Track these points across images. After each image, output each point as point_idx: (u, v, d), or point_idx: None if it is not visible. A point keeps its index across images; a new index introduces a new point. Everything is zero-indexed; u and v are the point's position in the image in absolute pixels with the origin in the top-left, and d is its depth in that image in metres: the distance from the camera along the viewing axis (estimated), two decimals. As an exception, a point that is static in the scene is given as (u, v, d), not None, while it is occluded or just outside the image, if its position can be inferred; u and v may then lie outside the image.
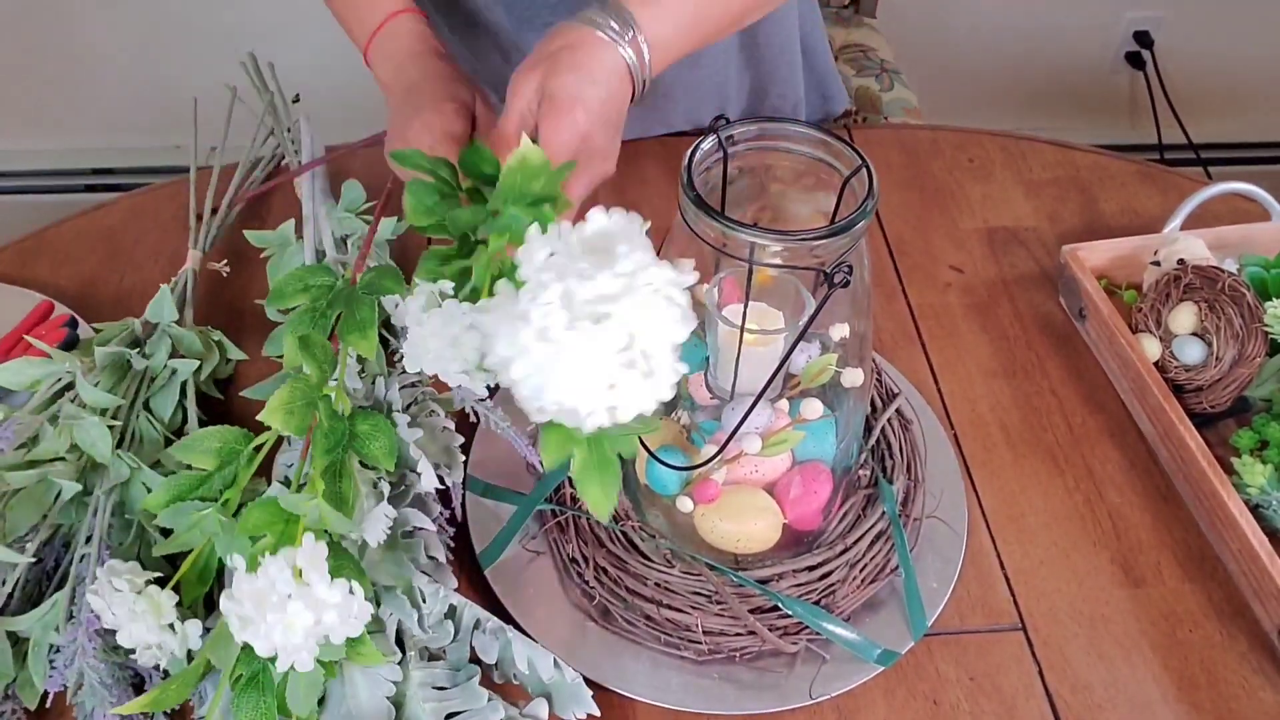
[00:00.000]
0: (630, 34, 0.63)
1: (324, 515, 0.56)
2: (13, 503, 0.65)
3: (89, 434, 0.67)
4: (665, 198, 0.98)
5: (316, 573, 0.53)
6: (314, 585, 0.52)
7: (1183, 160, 2.07)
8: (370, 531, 0.60)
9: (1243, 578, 0.70)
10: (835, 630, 0.66)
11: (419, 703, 0.60)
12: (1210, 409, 0.77)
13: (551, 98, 0.60)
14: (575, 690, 0.61)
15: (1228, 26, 2.02)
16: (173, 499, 0.60)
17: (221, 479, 0.61)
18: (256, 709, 0.56)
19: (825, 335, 0.63)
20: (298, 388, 0.59)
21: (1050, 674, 0.67)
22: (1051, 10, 2.00)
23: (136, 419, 0.72)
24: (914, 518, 0.72)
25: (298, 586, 0.52)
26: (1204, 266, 0.79)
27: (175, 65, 1.65)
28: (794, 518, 0.66)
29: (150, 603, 0.58)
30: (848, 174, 0.60)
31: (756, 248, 0.56)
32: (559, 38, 0.63)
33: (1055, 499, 0.76)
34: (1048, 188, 1.00)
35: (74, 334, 0.81)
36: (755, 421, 0.61)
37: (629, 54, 0.63)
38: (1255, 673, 0.67)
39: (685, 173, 0.58)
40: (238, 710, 0.56)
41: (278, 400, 0.58)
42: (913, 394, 0.81)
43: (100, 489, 0.67)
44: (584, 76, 0.61)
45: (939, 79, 2.02)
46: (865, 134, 1.08)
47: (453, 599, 0.64)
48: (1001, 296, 0.90)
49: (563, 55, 0.61)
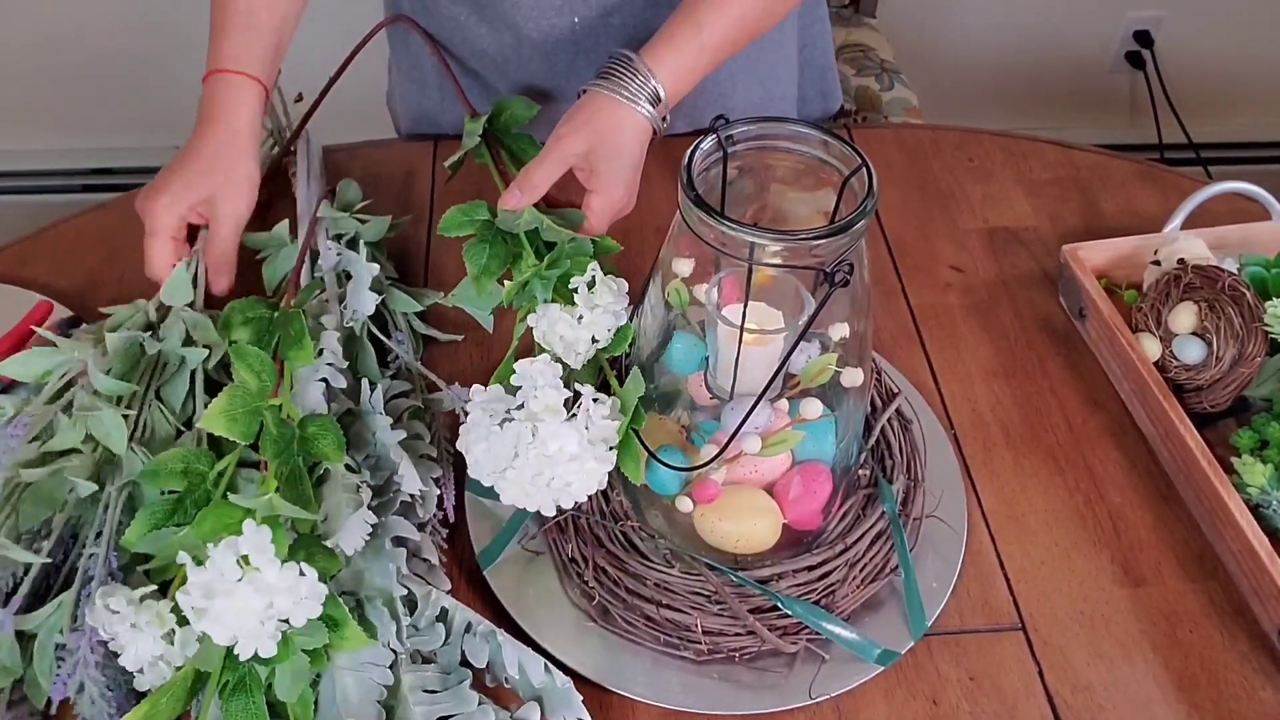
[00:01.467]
0: (649, 88, 0.76)
1: (274, 504, 0.58)
2: (25, 497, 0.65)
3: (104, 425, 0.66)
4: (665, 197, 0.98)
5: (263, 557, 0.54)
6: (263, 570, 0.54)
7: (1183, 160, 2.07)
8: (347, 539, 0.60)
9: (1243, 577, 0.70)
10: (835, 630, 0.66)
11: (410, 706, 0.60)
12: (1210, 409, 0.77)
13: (599, 176, 0.76)
14: (566, 694, 0.61)
15: (1228, 26, 2.02)
16: (149, 529, 0.60)
17: (194, 501, 0.61)
18: (246, 710, 0.56)
19: (825, 335, 0.63)
20: (236, 395, 0.63)
21: (1050, 674, 0.67)
22: (1052, 10, 2.00)
23: (149, 408, 0.71)
24: (914, 517, 0.72)
25: (246, 572, 0.54)
26: (1204, 266, 0.79)
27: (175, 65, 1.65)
28: (793, 518, 0.66)
29: (152, 613, 0.57)
30: (847, 173, 0.60)
31: (756, 247, 0.56)
32: (592, 106, 0.77)
33: (1055, 499, 0.76)
34: (1048, 187, 1.00)
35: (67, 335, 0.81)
36: (755, 421, 0.61)
37: (648, 111, 0.77)
38: (1256, 672, 0.67)
39: (685, 172, 0.58)
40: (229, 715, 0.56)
41: (216, 408, 0.63)
42: (912, 394, 0.81)
43: (112, 484, 0.66)
44: (624, 161, 0.77)
45: (939, 78, 2.02)
46: (865, 133, 1.08)
47: (444, 602, 0.64)
48: (1001, 296, 0.90)
49: (605, 139, 0.76)
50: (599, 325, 0.69)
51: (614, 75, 0.77)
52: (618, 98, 0.76)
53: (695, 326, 0.66)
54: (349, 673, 0.59)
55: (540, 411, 0.61)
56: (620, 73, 0.77)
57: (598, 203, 0.77)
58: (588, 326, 0.68)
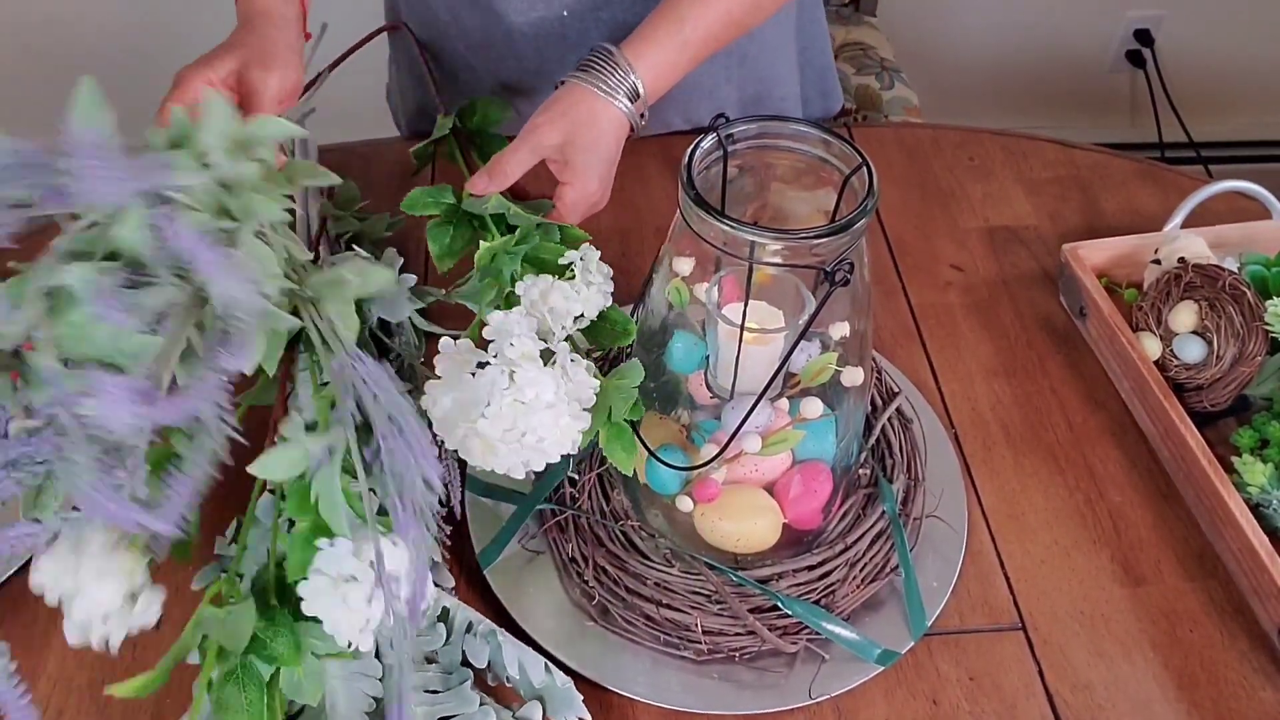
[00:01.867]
0: (628, 83, 0.75)
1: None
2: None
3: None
4: (665, 196, 0.98)
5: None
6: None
7: (1183, 159, 2.07)
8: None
9: (1243, 577, 0.70)
10: (835, 630, 0.66)
11: (411, 706, 0.59)
12: (1211, 408, 0.77)
13: (573, 168, 0.75)
14: (567, 694, 0.61)
15: (1228, 25, 2.02)
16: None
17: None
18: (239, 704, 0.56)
19: (825, 334, 0.63)
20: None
21: (1050, 673, 0.67)
22: (1052, 8, 2.00)
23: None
24: (914, 517, 0.72)
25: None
26: (1204, 265, 0.79)
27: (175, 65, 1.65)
28: (794, 517, 0.66)
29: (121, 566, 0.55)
30: (848, 172, 0.60)
31: (756, 246, 0.56)
32: (569, 98, 0.75)
33: (1055, 498, 0.76)
34: (1048, 186, 1.00)
35: None
36: (755, 420, 0.61)
37: (626, 107, 0.76)
38: (1255, 672, 0.67)
39: (685, 171, 0.58)
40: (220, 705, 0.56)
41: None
42: (913, 393, 0.81)
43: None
44: (599, 155, 0.75)
45: (939, 77, 2.02)
46: (865, 132, 1.08)
47: (446, 601, 0.64)
48: (1002, 295, 0.90)
49: (581, 132, 0.75)
50: (591, 303, 0.67)
51: (594, 68, 0.76)
52: (595, 91, 0.75)
53: (696, 325, 0.66)
54: (339, 680, 0.59)
55: (517, 359, 0.58)
56: (600, 66, 0.76)
57: (570, 195, 0.75)
58: (582, 302, 0.67)
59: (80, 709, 0.65)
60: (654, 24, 0.78)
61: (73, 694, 0.66)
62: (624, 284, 0.90)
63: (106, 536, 0.54)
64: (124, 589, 0.54)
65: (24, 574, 0.71)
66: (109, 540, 0.54)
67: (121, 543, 0.55)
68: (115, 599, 0.54)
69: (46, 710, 0.65)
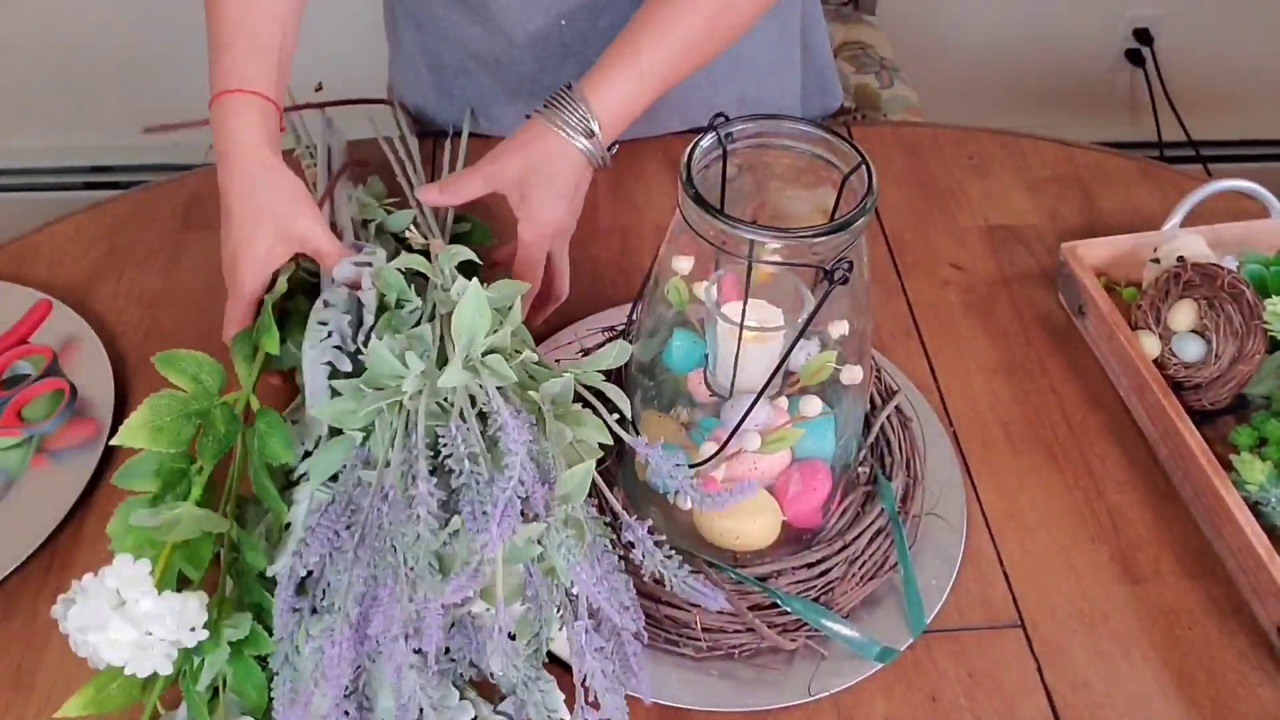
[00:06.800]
0: (585, 124, 0.75)
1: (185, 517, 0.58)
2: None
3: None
4: (665, 195, 0.98)
5: (138, 590, 0.54)
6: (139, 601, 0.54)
7: (1182, 158, 2.07)
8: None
9: (1241, 575, 0.70)
10: (834, 627, 0.66)
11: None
12: (1209, 406, 0.77)
13: (528, 204, 0.76)
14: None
15: (1228, 24, 2.02)
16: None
17: (172, 499, 0.61)
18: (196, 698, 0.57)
19: (824, 332, 0.63)
20: (161, 403, 0.61)
21: (1049, 671, 0.67)
22: (1052, 7, 2.00)
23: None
24: (913, 515, 0.72)
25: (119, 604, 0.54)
26: (1203, 264, 0.79)
27: (175, 63, 1.65)
28: (793, 515, 0.66)
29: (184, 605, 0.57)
30: (847, 171, 0.60)
31: (756, 245, 0.56)
32: (529, 134, 0.76)
33: (1054, 496, 0.76)
34: (1047, 185, 1.00)
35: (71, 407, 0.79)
36: (754, 419, 0.61)
37: (584, 145, 0.76)
38: (1254, 670, 0.67)
39: (684, 170, 0.58)
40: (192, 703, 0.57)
41: (135, 421, 0.60)
42: (912, 391, 0.81)
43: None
44: (554, 191, 0.76)
45: (938, 76, 2.02)
46: (865, 131, 1.08)
47: None
48: (1001, 294, 0.90)
49: (537, 168, 0.75)
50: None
51: (554, 105, 0.76)
52: (554, 129, 0.75)
53: (695, 324, 0.66)
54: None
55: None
56: (560, 104, 0.76)
57: (525, 233, 0.76)
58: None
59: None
60: (610, 56, 0.77)
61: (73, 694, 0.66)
62: (624, 283, 0.91)
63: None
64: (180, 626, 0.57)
65: (23, 573, 0.71)
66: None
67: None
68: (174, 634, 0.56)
69: (46, 709, 0.65)
